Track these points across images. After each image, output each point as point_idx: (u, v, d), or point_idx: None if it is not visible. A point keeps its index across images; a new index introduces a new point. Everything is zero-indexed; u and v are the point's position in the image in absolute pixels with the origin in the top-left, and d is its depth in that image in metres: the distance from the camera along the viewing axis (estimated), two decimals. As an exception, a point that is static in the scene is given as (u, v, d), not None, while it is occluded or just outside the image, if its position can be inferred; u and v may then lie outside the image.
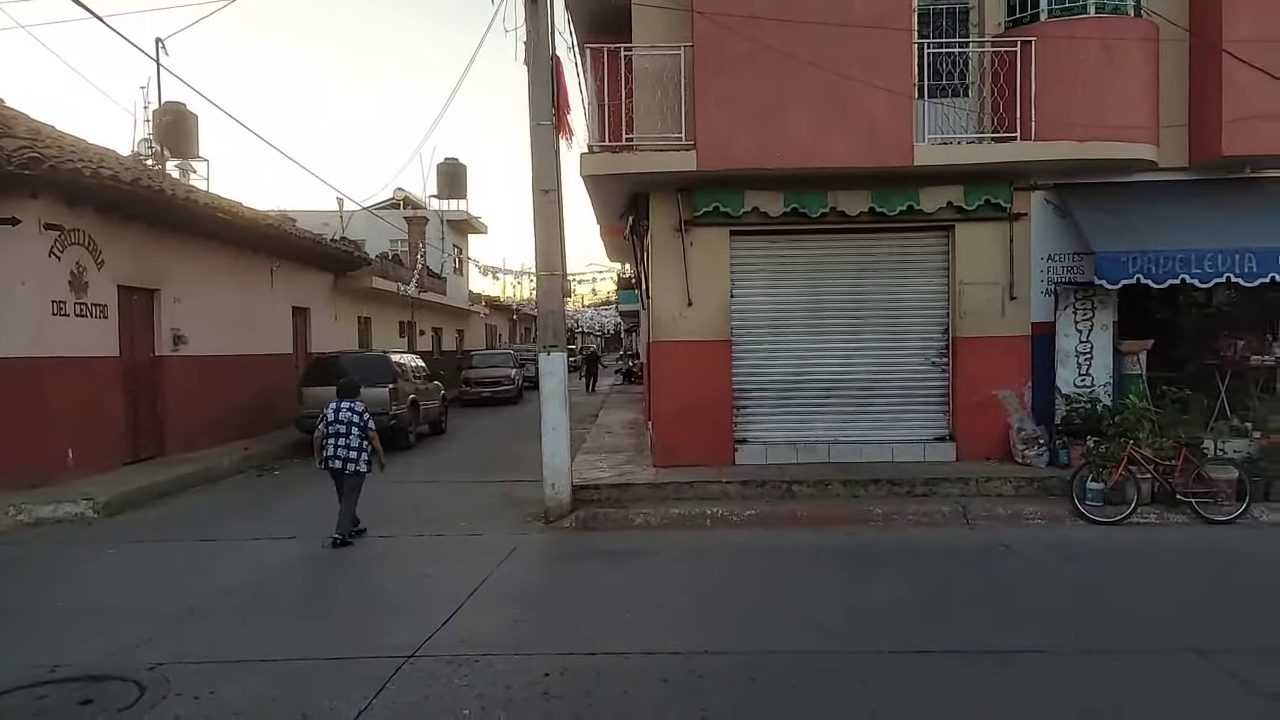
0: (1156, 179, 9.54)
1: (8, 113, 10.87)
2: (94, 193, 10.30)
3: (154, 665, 4.64)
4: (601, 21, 10.97)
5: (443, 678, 4.49)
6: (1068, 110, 8.99)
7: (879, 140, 8.99)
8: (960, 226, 9.75)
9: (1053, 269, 9.89)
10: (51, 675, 4.54)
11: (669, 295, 9.81)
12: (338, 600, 6.08)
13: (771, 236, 9.90)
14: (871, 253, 9.98)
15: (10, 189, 9.52)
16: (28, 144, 9.58)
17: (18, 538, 8.18)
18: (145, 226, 11.77)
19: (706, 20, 8.95)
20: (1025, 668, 4.52)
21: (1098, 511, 7.98)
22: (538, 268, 8.92)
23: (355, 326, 21.31)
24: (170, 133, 17.54)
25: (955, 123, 9.57)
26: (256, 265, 15.32)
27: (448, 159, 31.07)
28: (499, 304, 41.56)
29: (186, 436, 12.65)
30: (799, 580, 6.42)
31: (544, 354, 8.70)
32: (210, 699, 4.25)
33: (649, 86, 9.41)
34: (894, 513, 8.23)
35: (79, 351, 10.42)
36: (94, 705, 4.18)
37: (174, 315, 12.58)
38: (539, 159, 8.52)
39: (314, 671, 4.63)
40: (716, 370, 9.77)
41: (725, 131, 9.04)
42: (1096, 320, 9.56)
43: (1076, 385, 9.58)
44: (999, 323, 9.78)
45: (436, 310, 28.29)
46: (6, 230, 9.61)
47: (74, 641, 5.10)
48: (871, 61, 8.90)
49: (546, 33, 8.48)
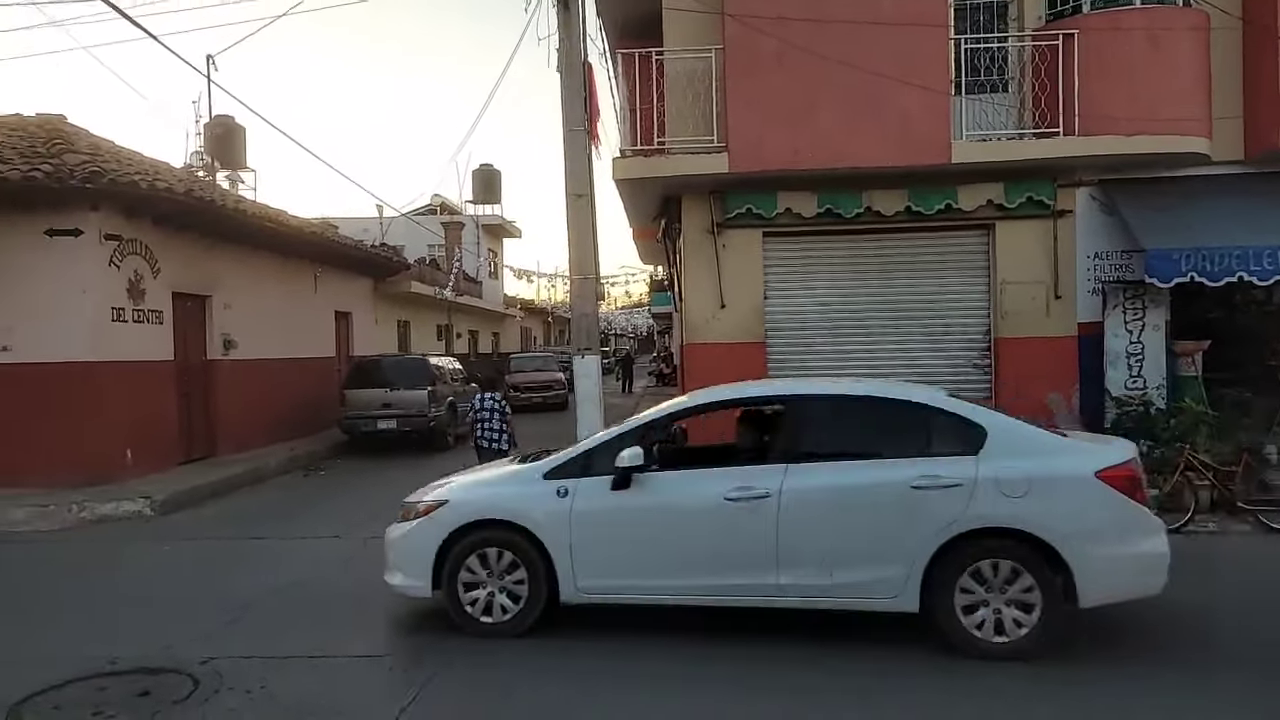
0: (1209, 173, 9.27)
1: (70, 129, 11.36)
2: (150, 204, 10.69)
3: (207, 659, 4.81)
4: (633, 27, 11.05)
5: (481, 677, 4.58)
6: (1113, 104, 8.79)
7: (915, 138, 8.90)
8: (1001, 225, 9.59)
9: (1100, 267, 9.66)
10: (110, 667, 4.73)
11: (702, 298, 9.82)
12: (380, 600, 6.21)
13: (805, 238, 9.85)
14: (908, 253, 9.87)
15: (73, 202, 9.93)
16: (89, 159, 10.00)
17: (82, 534, 8.53)
18: (197, 236, 12.16)
19: (737, 22, 8.95)
20: (1077, 680, 4.35)
21: (1150, 519, 7.73)
22: (571, 271, 9.03)
23: (395, 330, 21.71)
24: (220, 145, 18.06)
25: (994, 119, 9.43)
26: (301, 271, 15.70)
27: (483, 165, 31.46)
28: (533, 307, 41.97)
29: (236, 437, 13.03)
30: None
31: (578, 357, 8.80)
32: (261, 693, 4.39)
33: (680, 90, 9.45)
34: (934, 516, 8.09)
35: (136, 356, 10.81)
36: (151, 697, 4.35)
37: (224, 320, 12.97)
38: (572, 164, 8.62)
39: (359, 669, 4.76)
40: (750, 372, 9.70)
41: (757, 133, 9.03)
42: (1148, 320, 9.29)
43: (1127, 388, 9.31)
44: (1043, 323, 9.59)
45: (473, 314, 28.68)
46: (69, 241, 10.03)
47: (132, 635, 5.30)
48: (905, 59, 8.81)
49: (579, 39, 8.59)
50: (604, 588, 4.95)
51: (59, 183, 9.59)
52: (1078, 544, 4.44)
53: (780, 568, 4.70)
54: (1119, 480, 4.52)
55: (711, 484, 4.86)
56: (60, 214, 10.00)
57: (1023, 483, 4.50)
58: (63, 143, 10.50)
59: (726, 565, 4.76)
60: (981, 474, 4.54)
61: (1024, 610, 4.50)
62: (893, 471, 4.68)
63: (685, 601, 4.93)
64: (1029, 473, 4.53)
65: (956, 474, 4.57)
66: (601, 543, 4.91)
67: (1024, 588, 4.50)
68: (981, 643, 4.52)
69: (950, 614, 4.55)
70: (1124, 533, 4.52)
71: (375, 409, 13.91)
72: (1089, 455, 4.71)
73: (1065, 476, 4.56)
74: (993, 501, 4.49)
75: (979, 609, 4.54)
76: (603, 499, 4.92)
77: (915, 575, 4.55)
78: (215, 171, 16.65)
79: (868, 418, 5.08)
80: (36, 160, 9.87)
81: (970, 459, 4.62)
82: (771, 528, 4.68)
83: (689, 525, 4.84)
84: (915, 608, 4.60)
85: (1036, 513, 4.46)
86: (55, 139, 10.63)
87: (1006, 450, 4.63)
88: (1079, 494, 4.52)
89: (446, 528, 5.08)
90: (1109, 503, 4.50)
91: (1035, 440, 4.78)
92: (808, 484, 4.73)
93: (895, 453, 4.78)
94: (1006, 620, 4.50)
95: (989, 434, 4.68)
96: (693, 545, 4.82)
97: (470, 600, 5.06)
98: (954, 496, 4.53)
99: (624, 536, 4.89)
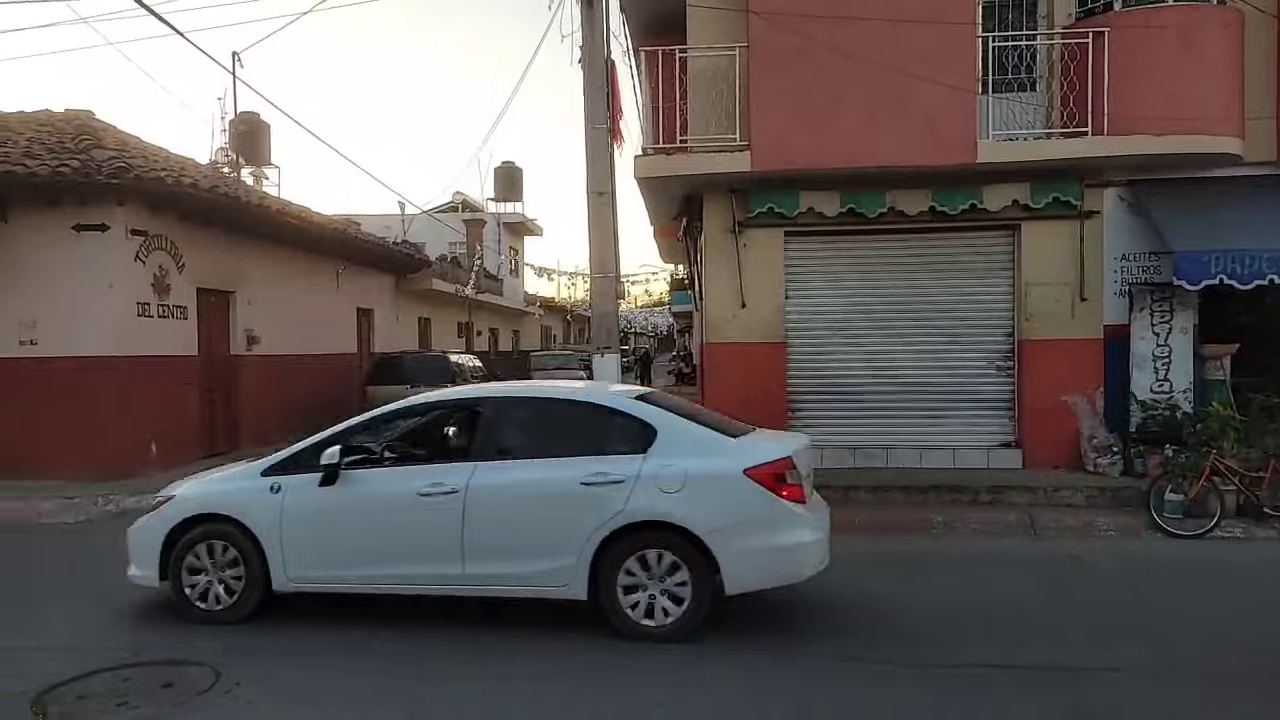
0: (1241, 174, 9.10)
1: (98, 125, 11.51)
2: (175, 200, 10.81)
3: (228, 651, 4.85)
4: (656, 24, 11.02)
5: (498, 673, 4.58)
6: (1143, 103, 8.65)
7: (940, 137, 8.80)
8: (1027, 225, 9.47)
9: (1127, 269, 9.52)
10: (135, 658, 4.78)
11: (722, 297, 9.78)
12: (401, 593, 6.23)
13: (827, 237, 9.78)
14: (931, 253, 9.77)
15: (100, 197, 10.07)
16: (116, 154, 10.13)
17: (106, 527, 8.61)
18: (222, 231, 12.28)
19: (762, 20, 8.90)
20: (1100, 686, 4.33)
21: (1177, 525, 7.61)
22: (592, 269, 9.03)
23: (416, 327, 21.83)
24: (244, 141, 18.24)
25: (1021, 118, 9.31)
26: (323, 268, 15.83)
27: (504, 163, 31.59)
28: (553, 305, 42.06)
29: (259, 432, 13.13)
30: (854, 588, 6.31)
31: (597, 355, 8.79)
32: (281, 686, 4.43)
33: (703, 88, 9.41)
34: (955, 521, 8.04)
35: (161, 350, 10.94)
36: (174, 689, 4.39)
37: (248, 316, 13.09)
38: (594, 162, 8.61)
39: (380, 660, 4.77)
40: (771, 373, 9.70)
41: (780, 131, 8.97)
42: (1175, 323, 9.14)
43: (1154, 391, 9.17)
44: (1068, 325, 9.46)
45: (493, 311, 28.78)
46: (96, 236, 10.16)
47: (156, 626, 5.36)
48: (932, 57, 8.71)
49: (601, 37, 8.57)
50: (312, 578, 5.28)
51: (86, 178, 9.73)
52: (722, 536, 4.80)
53: (466, 558, 5.01)
54: (765, 477, 4.84)
55: (409, 481, 5.17)
56: (87, 209, 10.14)
57: (678, 479, 4.85)
58: (90, 138, 10.64)
59: (420, 556, 5.09)
60: (644, 471, 4.89)
61: (678, 597, 4.86)
62: (568, 469, 5.01)
63: (386, 590, 5.26)
64: (685, 470, 4.88)
65: (622, 471, 4.91)
66: (309, 536, 5.23)
67: (679, 576, 4.85)
68: (640, 626, 4.87)
69: (613, 600, 4.90)
70: (766, 526, 4.85)
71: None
72: (744, 454, 5.00)
73: (716, 474, 4.90)
74: (650, 497, 4.85)
75: (639, 596, 4.88)
76: (311, 495, 5.22)
77: (583, 565, 4.89)
78: (240, 168, 16.78)
79: (553, 419, 5.46)
80: (65, 156, 10.02)
81: (638, 458, 4.95)
82: (458, 521, 5.00)
83: (387, 519, 5.17)
84: (584, 595, 4.94)
85: (687, 507, 4.82)
86: (83, 135, 10.77)
87: (672, 449, 4.98)
88: (726, 490, 4.88)
89: (170, 522, 5.42)
90: (754, 498, 4.83)
91: (700, 440, 5.10)
92: (492, 481, 5.06)
93: (574, 451, 5.10)
94: (663, 606, 4.86)
95: (659, 434, 5.03)
96: (390, 537, 5.15)
97: (191, 586, 5.37)
98: (617, 492, 4.87)
99: (329, 530, 5.22)
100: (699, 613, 4.85)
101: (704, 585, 4.83)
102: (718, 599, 4.90)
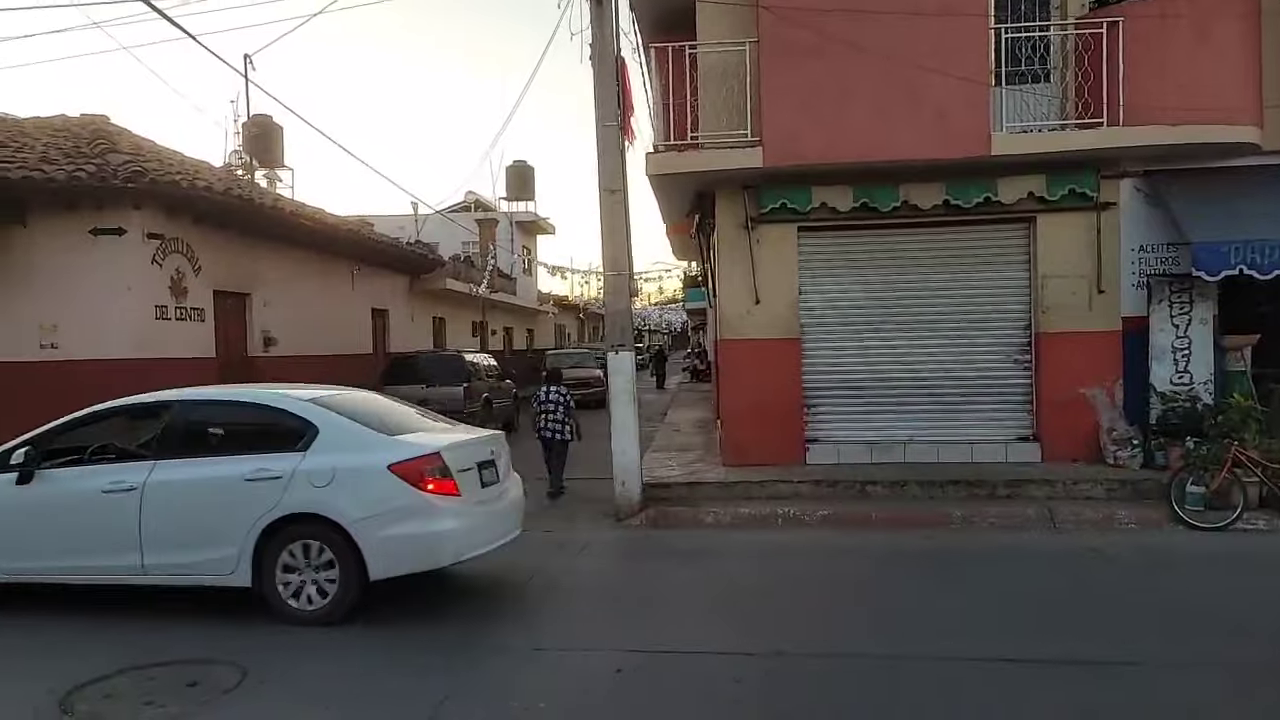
0: (1260, 163, 8.97)
1: (113, 130, 11.62)
2: (191, 203, 10.90)
3: (254, 650, 4.89)
4: (666, 21, 10.99)
5: (518, 669, 4.61)
6: (1159, 93, 8.55)
7: (953, 130, 8.74)
8: (1042, 217, 9.39)
9: (1145, 260, 9.42)
10: (160, 657, 4.83)
11: (736, 293, 9.76)
12: (419, 590, 6.27)
13: (840, 232, 9.73)
14: (946, 247, 9.70)
15: (116, 201, 10.17)
16: (131, 159, 10.23)
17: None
18: (237, 234, 12.37)
19: (772, 14, 8.86)
20: (1119, 679, 4.32)
21: (1198, 517, 7.54)
22: (604, 267, 9.02)
23: (430, 326, 21.91)
24: (258, 144, 18.36)
25: (1035, 109, 9.22)
26: (338, 269, 15.92)
27: (516, 162, 31.61)
28: (567, 303, 42.10)
29: (275, 434, 13.22)
30: (873, 583, 6.31)
31: (612, 353, 8.78)
32: (306, 685, 4.47)
33: (714, 84, 9.38)
34: (974, 515, 8.00)
35: (180, 353, 11.03)
36: (200, 687, 4.43)
37: (264, 318, 13.19)
38: (605, 159, 8.60)
39: (396, 656, 4.82)
40: (786, 369, 9.67)
41: (791, 126, 8.94)
42: (1195, 314, 9.04)
43: (1174, 383, 9.08)
44: (1086, 317, 9.38)
45: (507, 310, 28.84)
46: (113, 239, 10.27)
47: (181, 626, 5.42)
48: (944, 49, 8.65)
49: (611, 34, 8.55)
50: (13, 569, 5.72)
51: (102, 182, 9.82)
52: (364, 526, 5.20)
53: (145, 550, 5.44)
54: (408, 472, 5.25)
55: (96, 479, 5.58)
56: (104, 213, 10.24)
57: (327, 474, 5.26)
58: (106, 143, 10.74)
59: (105, 548, 5.49)
60: (300, 467, 5.30)
61: (329, 583, 5.29)
62: (235, 466, 5.40)
63: (78, 581, 5.69)
64: (335, 465, 5.29)
65: (281, 467, 5.31)
66: (7, 530, 5.68)
67: (329, 563, 5.27)
68: (296, 611, 5.30)
69: (272, 587, 5.32)
70: (406, 517, 5.22)
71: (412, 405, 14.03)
72: (391, 450, 5.37)
73: (362, 469, 5.29)
74: (305, 491, 5.26)
75: (295, 582, 5.33)
76: (8, 493, 5.62)
77: (246, 555, 5.30)
78: (253, 170, 16.93)
79: (229, 419, 5.87)
80: (81, 160, 10.12)
81: (298, 454, 5.36)
82: (136, 515, 5.42)
83: (76, 514, 5.58)
84: (248, 583, 5.33)
85: (334, 500, 5.23)
86: (99, 139, 10.88)
87: (329, 447, 5.38)
88: (370, 484, 5.26)
89: None
90: (395, 491, 5.22)
91: (356, 437, 5.46)
92: (166, 478, 5.47)
93: (245, 449, 5.53)
94: (316, 591, 5.30)
95: (320, 433, 5.43)
96: (79, 531, 5.56)
97: None
98: (275, 486, 5.28)
99: (25, 524, 5.64)
100: (347, 597, 5.26)
101: (351, 572, 5.24)
102: (365, 585, 5.27)
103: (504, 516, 5.95)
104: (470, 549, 5.51)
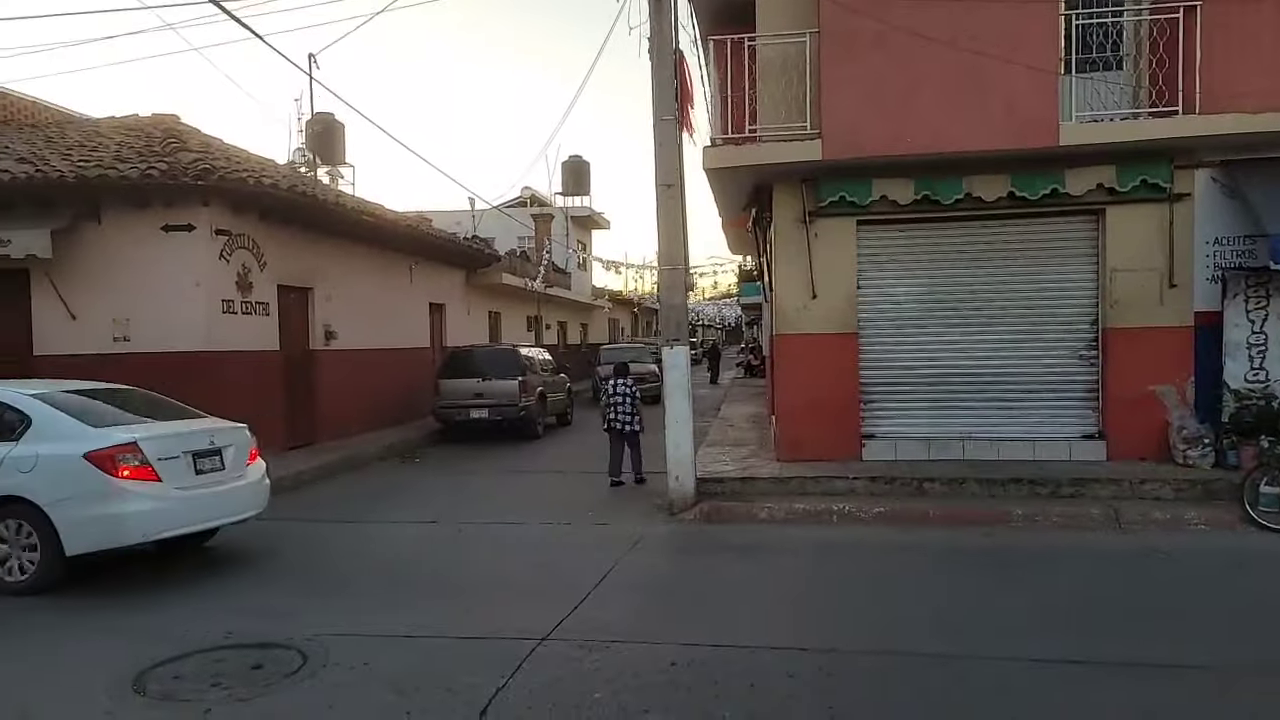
0: (1348, 151, 8.51)
1: (183, 129, 12.06)
2: (256, 200, 11.24)
3: (314, 636, 5.04)
4: (725, 13, 10.92)
5: (574, 661, 4.65)
6: (1239, 79, 8.18)
7: (1020, 120, 8.49)
8: (1112, 209, 9.06)
9: (1220, 253, 9.02)
10: (226, 640, 5.03)
11: (793, 288, 9.65)
12: (474, 582, 6.39)
13: (900, 225, 9.55)
14: (1010, 240, 9.43)
15: (186, 198, 10.54)
16: (200, 157, 10.60)
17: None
18: (300, 230, 12.72)
19: (834, 4, 8.72)
20: (1188, 683, 4.18)
21: (1273, 518, 7.23)
22: (660, 262, 9.01)
23: (486, 321, 22.20)
24: (320, 141, 18.80)
25: (1106, 98, 8.89)
26: (397, 264, 16.24)
27: (571, 157, 31.71)
28: (621, 298, 42.21)
29: (336, 425, 13.60)
30: (931, 580, 6.19)
31: (667, 348, 8.78)
32: (365, 669, 4.58)
33: (773, 76, 9.28)
34: (1036, 514, 7.79)
35: (245, 346, 11.41)
36: (264, 670, 4.59)
37: (325, 312, 13.54)
38: (662, 154, 8.59)
39: (455, 649, 4.90)
40: (842, 363, 9.54)
41: (852, 118, 8.80)
42: (1272, 309, 8.65)
43: (1248, 380, 8.71)
44: (1156, 312, 9.03)
45: (562, 305, 29.05)
46: (183, 235, 10.65)
47: (247, 611, 5.62)
48: (1011, 37, 8.41)
49: (670, 27, 8.52)
50: None
51: (173, 180, 10.18)
52: (60, 508, 5.96)
53: None
54: (101, 460, 5.96)
55: None
56: (174, 210, 10.62)
57: (30, 460, 6.02)
58: (176, 142, 11.15)
59: None
60: (11, 454, 6.06)
61: (32, 560, 6.05)
62: None
63: None
64: (37, 452, 6.04)
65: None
66: None
67: (31, 541, 6.03)
68: (9, 583, 6.04)
69: None
70: (97, 500, 5.95)
71: (468, 398, 14.29)
72: (91, 440, 6.05)
73: (60, 456, 6.01)
74: (11, 476, 6.03)
75: (4, 554, 6.09)
76: None
77: None
78: (316, 167, 17.35)
79: None
80: (152, 159, 10.51)
81: (10, 443, 6.11)
82: None
83: None
84: None
85: (34, 484, 6.00)
86: (169, 138, 11.31)
87: (39, 437, 6.11)
88: (66, 470, 5.99)
89: None
90: (88, 477, 5.94)
91: (63, 429, 6.16)
92: None
93: None
94: (20, 565, 6.07)
95: (34, 423, 6.16)
96: None
97: None
98: None
99: None
100: (51, 571, 6.00)
101: (51, 548, 5.98)
102: (65, 560, 5.98)
103: (226, 499, 6.67)
104: (167, 529, 6.22)
